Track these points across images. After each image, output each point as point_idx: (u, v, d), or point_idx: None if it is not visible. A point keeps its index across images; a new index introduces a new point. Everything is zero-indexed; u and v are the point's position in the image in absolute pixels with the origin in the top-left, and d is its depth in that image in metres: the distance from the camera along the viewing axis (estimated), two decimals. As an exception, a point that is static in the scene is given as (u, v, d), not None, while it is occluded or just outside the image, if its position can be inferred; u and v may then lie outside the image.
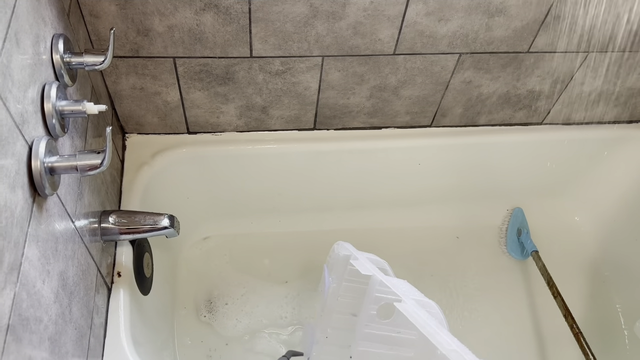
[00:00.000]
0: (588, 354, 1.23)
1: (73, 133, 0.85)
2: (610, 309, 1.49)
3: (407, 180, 1.46)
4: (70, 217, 0.80)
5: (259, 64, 1.14)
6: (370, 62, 1.17)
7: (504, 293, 1.49)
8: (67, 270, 0.77)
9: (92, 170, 0.72)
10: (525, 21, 1.12)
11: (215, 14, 1.02)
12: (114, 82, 1.14)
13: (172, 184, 1.29)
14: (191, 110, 1.23)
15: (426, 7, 1.06)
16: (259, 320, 1.38)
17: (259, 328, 1.36)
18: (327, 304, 1.13)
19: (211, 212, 1.44)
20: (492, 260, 1.54)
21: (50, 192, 0.69)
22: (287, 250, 1.49)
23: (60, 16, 0.84)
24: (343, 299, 1.11)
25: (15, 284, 0.59)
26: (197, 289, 1.41)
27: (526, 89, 1.31)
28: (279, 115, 1.28)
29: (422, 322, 0.89)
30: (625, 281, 1.49)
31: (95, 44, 1.04)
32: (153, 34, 1.04)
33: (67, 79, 0.80)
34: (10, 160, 0.60)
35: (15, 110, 0.62)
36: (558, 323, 1.35)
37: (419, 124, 1.37)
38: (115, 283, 1.02)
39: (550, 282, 1.37)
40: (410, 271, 1.50)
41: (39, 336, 0.65)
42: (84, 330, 0.84)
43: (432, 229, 1.57)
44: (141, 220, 1.02)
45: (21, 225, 0.62)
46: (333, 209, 1.51)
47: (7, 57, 0.61)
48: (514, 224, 1.56)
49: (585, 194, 1.59)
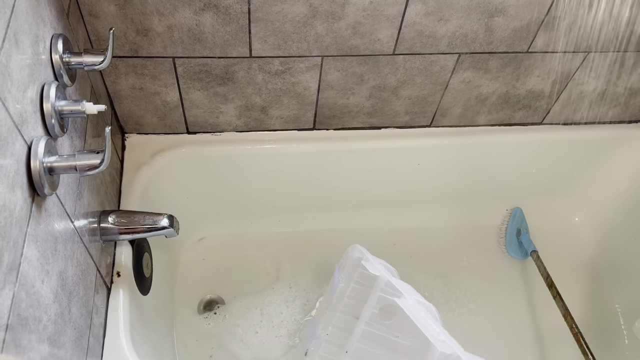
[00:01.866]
0: (587, 354, 1.23)
1: (72, 133, 0.85)
2: (609, 308, 1.49)
3: (407, 180, 1.46)
4: (70, 217, 0.80)
5: (258, 64, 1.14)
6: (369, 62, 1.17)
7: (503, 293, 1.49)
8: (66, 270, 0.77)
9: (91, 170, 0.72)
10: (524, 21, 1.12)
11: (214, 14, 1.02)
12: (113, 82, 1.14)
13: (171, 184, 1.29)
14: (190, 110, 1.23)
15: (425, 7, 1.06)
16: (259, 320, 1.38)
17: (258, 328, 1.36)
18: (333, 302, 1.14)
19: (211, 212, 1.44)
20: (491, 260, 1.54)
21: (50, 192, 0.69)
22: (286, 251, 1.49)
23: (60, 16, 0.84)
24: (349, 300, 1.11)
25: (14, 284, 0.59)
26: (196, 288, 1.40)
27: (525, 89, 1.31)
28: (278, 115, 1.28)
29: (418, 316, 0.90)
30: (625, 281, 1.49)
31: (95, 44, 1.04)
32: (152, 34, 1.04)
33: (67, 79, 0.80)
34: (9, 160, 0.60)
35: (15, 110, 0.62)
36: (557, 323, 1.35)
37: (418, 124, 1.37)
38: (115, 283, 1.02)
39: (550, 282, 1.37)
40: (409, 271, 1.50)
41: (38, 336, 0.65)
42: (83, 330, 0.84)
43: (431, 228, 1.57)
44: (140, 220, 1.02)
45: (20, 225, 0.62)
46: (332, 209, 1.51)
47: (6, 57, 0.61)
48: (514, 224, 1.56)
49: (585, 194, 1.59)
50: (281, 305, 1.41)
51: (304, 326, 1.33)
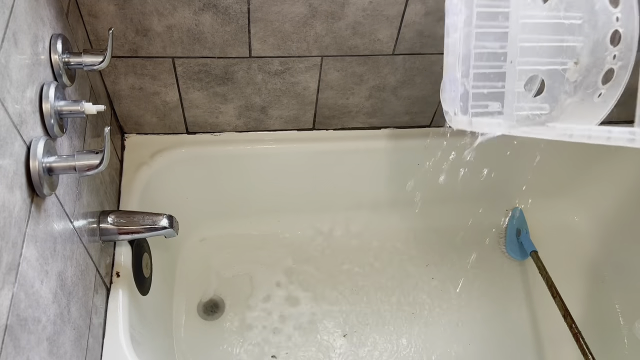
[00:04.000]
0: (587, 354, 1.23)
1: (72, 133, 0.85)
2: (609, 309, 1.49)
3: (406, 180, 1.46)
4: (69, 217, 0.80)
5: (258, 64, 1.14)
6: (369, 62, 1.17)
7: (503, 293, 1.49)
8: (65, 271, 0.77)
9: (90, 171, 0.72)
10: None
11: (214, 14, 1.02)
12: (112, 82, 1.13)
13: (171, 184, 1.29)
14: (190, 110, 1.23)
15: (425, 7, 1.06)
16: (258, 320, 1.38)
17: (257, 328, 1.36)
18: (462, 45, 0.82)
19: (210, 212, 1.44)
20: (491, 261, 1.54)
21: (49, 192, 0.69)
22: (286, 251, 1.49)
23: (59, 16, 0.84)
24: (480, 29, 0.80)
25: (13, 284, 0.59)
26: (196, 289, 1.40)
27: (525, 89, 1.30)
28: (278, 115, 1.28)
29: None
30: (625, 281, 1.49)
31: (94, 44, 1.04)
32: (152, 34, 1.04)
33: (66, 79, 0.80)
34: (9, 161, 0.60)
35: (14, 110, 0.62)
36: (557, 323, 1.35)
37: (418, 124, 1.37)
38: (114, 283, 1.02)
39: (550, 282, 1.37)
40: (409, 271, 1.50)
41: (37, 336, 0.65)
42: (83, 330, 0.84)
43: (431, 229, 1.56)
44: (140, 220, 1.02)
45: (19, 225, 0.62)
46: (332, 209, 1.51)
47: (5, 57, 0.61)
48: (514, 224, 1.56)
49: (584, 194, 1.59)
50: (282, 305, 1.40)
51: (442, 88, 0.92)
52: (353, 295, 1.44)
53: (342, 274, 1.48)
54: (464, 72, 0.83)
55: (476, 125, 0.82)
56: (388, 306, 1.44)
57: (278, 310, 1.40)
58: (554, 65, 0.74)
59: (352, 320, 1.41)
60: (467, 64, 0.83)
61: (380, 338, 1.39)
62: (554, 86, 0.75)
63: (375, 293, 1.45)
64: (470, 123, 0.83)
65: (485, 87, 0.83)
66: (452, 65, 0.86)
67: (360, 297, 1.44)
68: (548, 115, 0.78)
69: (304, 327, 1.38)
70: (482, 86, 0.82)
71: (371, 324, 1.41)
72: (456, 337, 1.42)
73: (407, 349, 1.38)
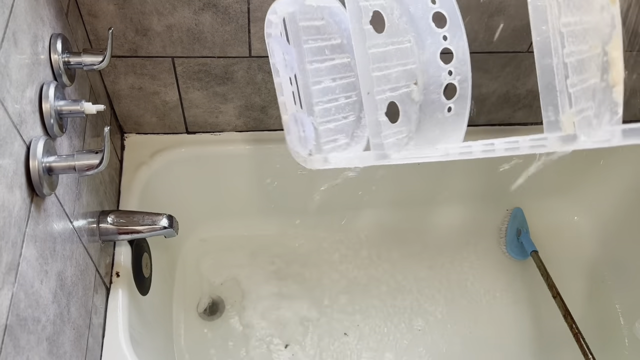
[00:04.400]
0: (587, 354, 1.23)
1: (71, 133, 0.85)
2: (609, 309, 1.49)
3: (406, 180, 1.46)
4: (69, 217, 0.80)
5: (257, 63, 1.14)
6: (369, 62, 1.17)
7: (503, 293, 1.49)
8: (65, 271, 0.77)
9: (90, 170, 0.72)
10: (524, 21, 1.12)
11: (214, 13, 1.02)
12: (112, 82, 1.13)
13: (170, 184, 1.29)
14: (190, 110, 1.23)
15: (425, 7, 1.06)
16: (258, 320, 1.37)
17: (257, 328, 1.36)
18: (300, 84, 0.82)
19: (210, 212, 1.44)
20: (491, 261, 1.54)
21: (48, 192, 0.69)
22: (286, 250, 1.49)
23: (59, 16, 0.84)
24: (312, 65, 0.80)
25: (13, 284, 0.59)
26: (196, 289, 1.40)
27: (526, 89, 1.30)
28: (278, 114, 1.28)
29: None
30: (625, 281, 1.49)
31: (94, 44, 1.04)
32: (152, 34, 1.04)
33: (66, 79, 0.80)
34: (8, 160, 0.60)
35: (13, 110, 0.62)
36: (557, 323, 1.34)
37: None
38: (114, 283, 1.02)
39: (550, 282, 1.37)
40: (409, 271, 1.50)
41: (37, 336, 0.65)
42: (83, 330, 0.84)
43: (431, 229, 1.56)
44: (140, 220, 1.02)
45: (19, 225, 0.62)
46: (333, 209, 1.51)
47: (5, 57, 0.61)
48: (514, 224, 1.56)
49: (584, 194, 1.59)
50: (281, 306, 1.40)
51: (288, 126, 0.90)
52: (360, 295, 1.44)
53: (349, 272, 1.48)
54: (309, 110, 0.82)
55: (334, 161, 0.81)
56: (388, 306, 1.44)
57: (279, 310, 1.40)
58: (402, 90, 0.77)
59: (356, 320, 1.41)
60: (308, 102, 0.82)
61: (380, 337, 1.39)
62: (406, 109, 0.78)
63: (375, 293, 1.45)
64: (325, 160, 0.82)
65: (330, 122, 0.83)
66: (290, 104, 0.85)
67: (365, 297, 1.45)
68: (409, 137, 0.79)
69: (306, 326, 1.38)
70: (327, 121, 0.83)
71: (372, 323, 1.41)
72: (456, 336, 1.42)
73: (407, 348, 1.38)
